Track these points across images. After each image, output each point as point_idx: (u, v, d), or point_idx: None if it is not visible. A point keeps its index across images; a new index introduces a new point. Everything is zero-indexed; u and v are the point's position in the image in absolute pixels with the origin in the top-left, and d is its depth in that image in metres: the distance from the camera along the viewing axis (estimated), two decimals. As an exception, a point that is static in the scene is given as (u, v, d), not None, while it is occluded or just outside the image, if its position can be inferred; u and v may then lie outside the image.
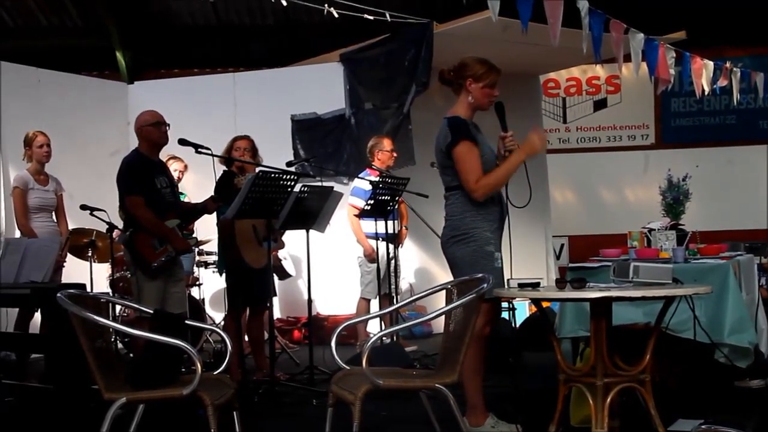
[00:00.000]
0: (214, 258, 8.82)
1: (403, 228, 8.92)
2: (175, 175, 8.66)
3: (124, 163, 6.50)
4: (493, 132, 5.25)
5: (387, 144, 8.69)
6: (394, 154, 8.70)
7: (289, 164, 7.31)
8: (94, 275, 8.19)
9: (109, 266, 8.66)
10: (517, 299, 7.57)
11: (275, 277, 8.22)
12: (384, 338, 7.32)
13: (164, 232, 6.38)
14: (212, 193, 6.98)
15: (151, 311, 4.91)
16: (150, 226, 6.34)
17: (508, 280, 4.97)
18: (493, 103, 5.20)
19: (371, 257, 8.51)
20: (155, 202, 6.39)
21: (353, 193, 8.66)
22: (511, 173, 5.06)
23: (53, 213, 8.02)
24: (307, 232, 7.19)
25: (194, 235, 7.89)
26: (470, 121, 5.16)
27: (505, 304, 6.45)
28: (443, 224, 5.28)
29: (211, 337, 8.86)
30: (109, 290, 8.61)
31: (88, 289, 7.20)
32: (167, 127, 6.54)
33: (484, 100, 5.15)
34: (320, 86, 10.45)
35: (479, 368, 5.08)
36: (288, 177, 6.49)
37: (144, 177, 6.40)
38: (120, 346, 8.21)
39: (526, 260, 5.47)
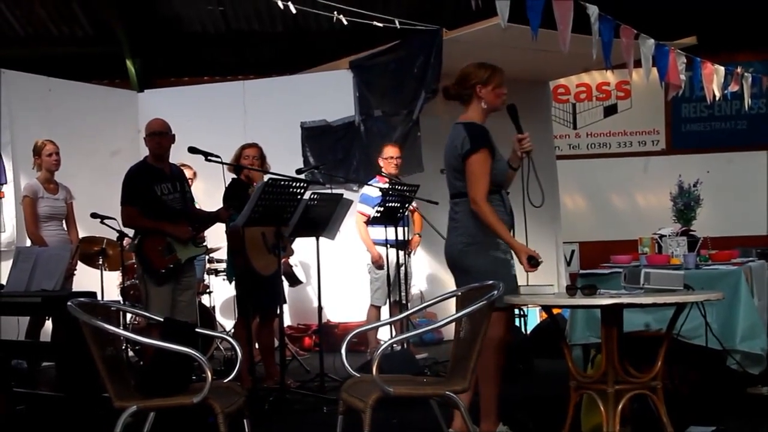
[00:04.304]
0: (225, 266, 8.82)
1: (416, 235, 8.90)
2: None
3: (126, 173, 6.66)
4: (501, 137, 5.24)
5: (386, 151, 8.67)
6: (396, 161, 8.63)
7: (298, 171, 7.31)
8: (104, 283, 8.21)
9: (120, 274, 8.68)
10: (527, 306, 7.57)
11: (285, 284, 8.23)
12: (394, 345, 7.31)
13: (161, 228, 6.51)
14: (221, 201, 7.01)
15: (161, 319, 4.91)
16: (148, 230, 6.52)
17: (518, 286, 4.95)
18: (506, 103, 5.20)
19: (378, 264, 8.52)
20: (154, 210, 6.50)
21: (361, 200, 8.67)
22: (499, 233, 4.95)
23: (63, 221, 8.03)
24: (317, 239, 7.20)
25: (205, 243, 7.90)
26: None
27: (515, 311, 6.43)
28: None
29: (221, 344, 8.86)
30: (119, 298, 8.63)
31: (99, 297, 7.23)
32: (165, 137, 6.63)
33: (497, 101, 5.14)
34: (330, 93, 10.46)
35: (498, 376, 5.06)
36: (298, 184, 6.50)
37: (141, 185, 6.53)
38: (131, 354, 8.22)
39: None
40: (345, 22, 9.52)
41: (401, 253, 8.04)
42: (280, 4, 8.98)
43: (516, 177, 5.25)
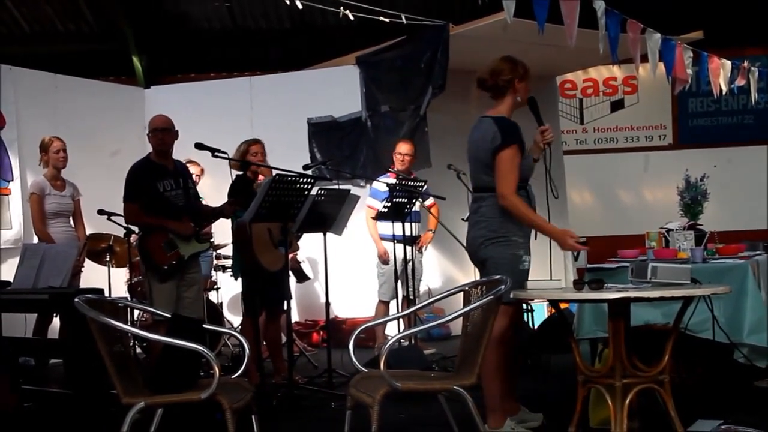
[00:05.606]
0: (231, 262, 8.82)
1: (429, 231, 8.86)
2: (192, 179, 8.67)
3: (129, 170, 6.62)
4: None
5: (398, 147, 8.67)
6: (403, 158, 8.59)
7: (305, 167, 7.30)
8: (112, 280, 8.22)
9: (127, 271, 8.69)
10: (535, 301, 7.57)
11: (293, 280, 8.22)
12: (402, 341, 7.30)
13: (163, 224, 6.47)
14: (227, 197, 7.00)
15: (169, 315, 4.92)
16: (149, 226, 6.49)
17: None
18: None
19: (383, 258, 8.53)
20: (156, 206, 6.47)
21: (370, 194, 8.68)
22: (533, 225, 5.07)
23: (70, 218, 8.03)
24: (325, 235, 7.19)
25: (212, 239, 7.90)
26: None
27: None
28: (467, 226, 5.27)
29: (229, 340, 8.87)
30: (127, 295, 8.64)
31: (106, 294, 7.23)
32: (168, 133, 6.60)
33: (525, 96, 5.23)
34: (336, 89, 10.46)
35: (499, 371, 5.05)
36: (305, 180, 6.49)
37: (143, 182, 6.49)
38: (138, 350, 8.23)
39: (544, 262, 5.45)
40: (351, 18, 9.53)
41: (409, 248, 8.03)
42: (286, 0, 8.98)
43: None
